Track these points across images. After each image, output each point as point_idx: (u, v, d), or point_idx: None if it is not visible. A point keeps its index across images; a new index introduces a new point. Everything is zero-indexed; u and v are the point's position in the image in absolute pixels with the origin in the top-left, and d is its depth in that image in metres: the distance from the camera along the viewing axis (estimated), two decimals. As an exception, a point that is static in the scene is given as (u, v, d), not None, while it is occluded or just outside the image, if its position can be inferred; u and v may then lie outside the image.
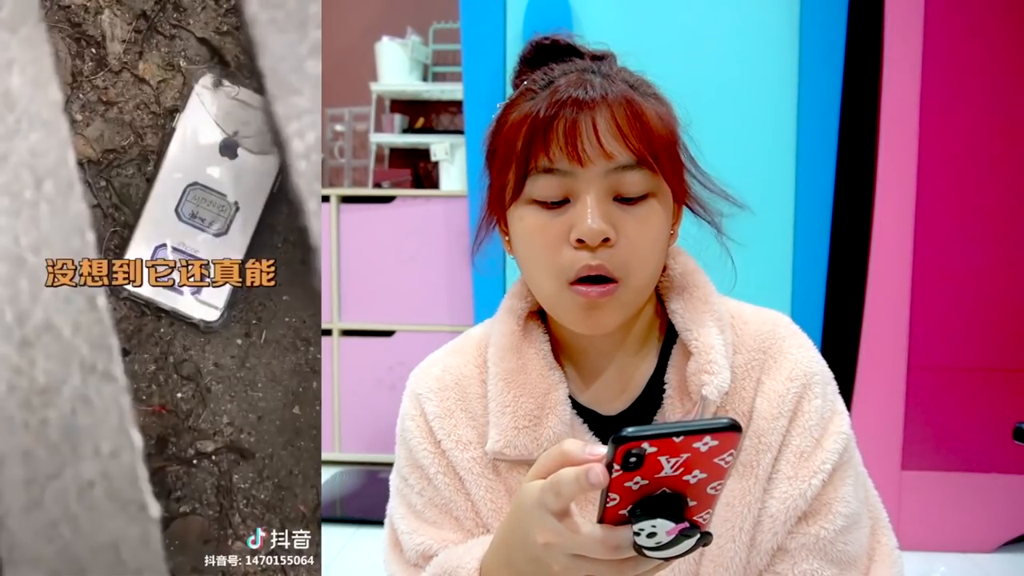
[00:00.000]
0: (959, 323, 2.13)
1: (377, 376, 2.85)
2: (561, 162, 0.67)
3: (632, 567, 0.52)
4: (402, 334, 2.85)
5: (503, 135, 0.71)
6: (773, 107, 2.21)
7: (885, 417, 2.16)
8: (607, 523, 0.51)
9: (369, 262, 2.86)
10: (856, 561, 0.73)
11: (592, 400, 0.77)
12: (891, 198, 2.13)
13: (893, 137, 2.11)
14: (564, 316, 0.71)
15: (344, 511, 2.51)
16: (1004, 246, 2.11)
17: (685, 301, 0.76)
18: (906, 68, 2.09)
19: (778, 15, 2.20)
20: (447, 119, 3.27)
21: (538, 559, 0.56)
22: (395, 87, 3.07)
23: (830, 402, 0.75)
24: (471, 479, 0.76)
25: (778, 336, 0.76)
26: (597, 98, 0.67)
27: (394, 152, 3.26)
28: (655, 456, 0.47)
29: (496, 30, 2.27)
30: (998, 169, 2.10)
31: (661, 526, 0.49)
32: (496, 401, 0.75)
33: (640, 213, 0.68)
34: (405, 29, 3.08)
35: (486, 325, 0.82)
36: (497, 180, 0.73)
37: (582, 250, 0.67)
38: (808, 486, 0.71)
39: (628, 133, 0.67)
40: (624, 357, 0.76)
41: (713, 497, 0.50)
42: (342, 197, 2.86)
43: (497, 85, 2.22)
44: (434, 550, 0.75)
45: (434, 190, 2.91)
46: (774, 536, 0.72)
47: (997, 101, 2.08)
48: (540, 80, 0.71)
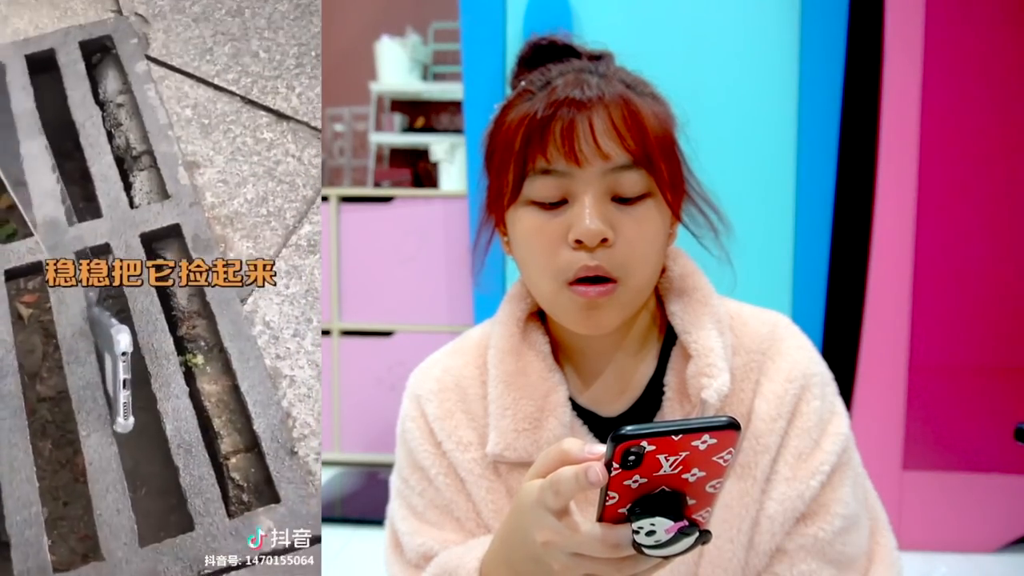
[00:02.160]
0: (959, 323, 2.13)
1: (377, 376, 2.85)
2: (559, 163, 0.67)
3: (631, 565, 0.52)
4: (402, 334, 2.85)
5: (501, 136, 0.71)
6: (773, 107, 2.21)
7: (885, 417, 2.16)
8: (606, 522, 0.51)
9: (369, 262, 2.86)
10: (855, 562, 0.73)
11: (592, 402, 0.77)
12: (891, 198, 2.13)
13: (893, 137, 2.11)
14: (563, 316, 0.71)
15: (344, 511, 2.52)
16: (1004, 246, 2.11)
17: (684, 303, 0.76)
18: (906, 68, 2.09)
19: (778, 15, 2.19)
20: (447, 119, 3.27)
21: (538, 558, 0.56)
22: (395, 87, 3.08)
23: (829, 403, 0.75)
24: (472, 480, 0.76)
25: (777, 337, 0.76)
26: (594, 98, 0.67)
27: (394, 152, 3.26)
28: (654, 454, 0.47)
29: (496, 30, 2.27)
30: (998, 169, 2.10)
31: (660, 524, 0.49)
32: (496, 403, 0.75)
33: (638, 213, 0.68)
34: (405, 29, 3.08)
35: (486, 326, 0.82)
36: (495, 181, 0.73)
37: (580, 251, 0.67)
38: (806, 487, 0.71)
39: (625, 133, 0.67)
40: (623, 358, 0.76)
41: (712, 496, 0.50)
42: (342, 197, 2.86)
43: (497, 85, 2.22)
44: (435, 551, 0.76)
45: (434, 190, 2.91)
46: (772, 537, 0.72)
47: (997, 101, 2.08)
48: (537, 81, 0.71)
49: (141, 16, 1.07)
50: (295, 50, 1.21)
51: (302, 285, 1.24)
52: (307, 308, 1.26)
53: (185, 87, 1.13)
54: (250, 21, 1.21)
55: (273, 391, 1.18)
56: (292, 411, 1.18)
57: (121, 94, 1.20)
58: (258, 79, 1.20)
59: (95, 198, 1.25)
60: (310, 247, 1.26)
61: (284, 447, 1.14)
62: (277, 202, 1.22)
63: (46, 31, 1.08)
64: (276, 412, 1.16)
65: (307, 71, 1.20)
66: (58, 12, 1.10)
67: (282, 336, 1.22)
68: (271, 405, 1.17)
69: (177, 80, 1.10)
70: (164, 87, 1.13)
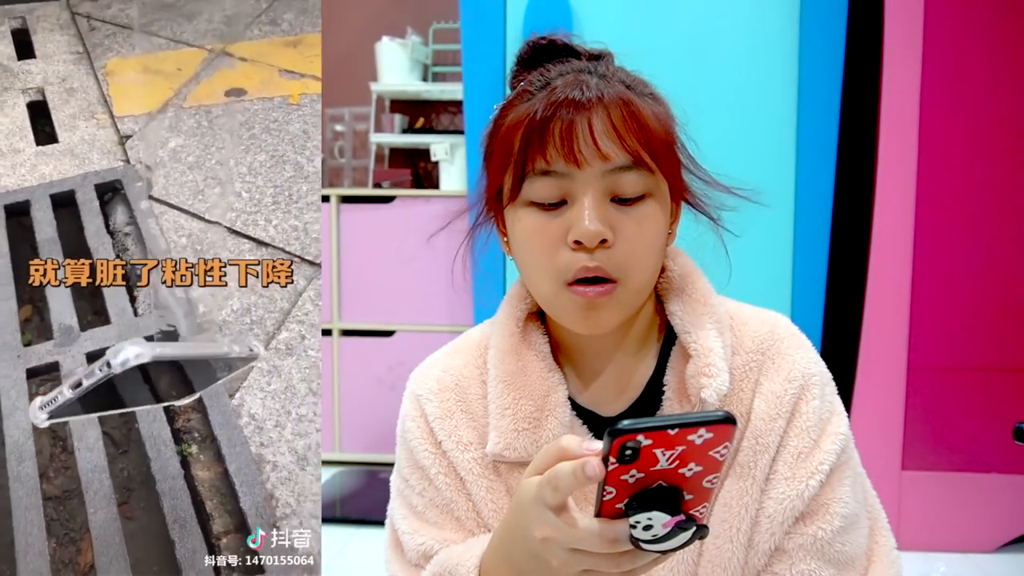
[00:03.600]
0: (959, 323, 2.13)
1: (377, 376, 2.85)
2: (558, 164, 0.67)
3: (629, 560, 0.53)
4: (402, 334, 2.85)
5: (500, 137, 0.71)
6: (773, 107, 2.21)
7: (885, 417, 2.16)
8: (604, 517, 0.51)
9: (369, 262, 2.86)
10: (854, 561, 0.73)
11: (591, 401, 0.77)
12: (891, 198, 2.13)
13: (893, 137, 2.11)
14: (563, 316, 0.71)
15: (344, 511, 2.52)
16: (1004, 246, 2.12)
17: (684, 303, 0.76)
18: (906, 68, 2.09)
19: (778, 15, 2.20)
20: (447, 119, 3.27)
21: (537, 554, 0.56)
22: (395, 87, 3.07)
23: (828, 403, 0.75)
24: (472, 479, 0.76)
25: (776, 337, 0.76)
26: (593, 99, 0.67)
27: (394, 152, 3.26)
28: (650, 449, 0.47)
29: (496, 30, 2.27)
30: (998, 169, 2.10)
31: (657, 519, 0.49)
32: (496, 403, 0.75)
33: (637, 214, 0.68)
34: (405, 29, 3.08)
35: (486, 326, 0.82)
36: (494, 182, 0.73)
37: (580, 251, 0.67)
38: (806, 487, 0.71)
39: (624, 134, 0.67)
40: (623, 358, 0.76)
41: (709, 491, 0.50)
42: (342, 197, 2.86)
43: (497, 85, 2.22)
44: (435, 550, 0.76)
45: (434, 190, 2.91)
46: (772, 537, 0.72)
47: (997, 100, 2.08)
48: (537, 81, 0.71)
49: (145, 164, 1.28)
50: (271, 191, 1.46)
51: (282, 382, 1.42)
52: (286, 402, 1.45)
53: (181, 220, 1.35)
54: (234, 169, 1.44)
55: (258, 474, 1.34)
56: (275, 492, 1.34)
57: (128, 225, 1.41)
58: (241, 214, 1.44)
59: (105, 309, 1.45)
60: (287, 350, 1.45)
61: (267, 523, 1.31)
62: (259, 312, 1.44)
63: (67, 176, 1.30)
64: (260, 492, 1.33)
65: (281, 207, 1.44)
66: (77, 160, 1.32)
67: (265, 427, 1.40)
68: (256, 486, 1.34)
69: (174, 215, 1.32)
70: (164, 220, 1.34)
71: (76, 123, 1.25)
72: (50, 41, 1.37)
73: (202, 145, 1.28)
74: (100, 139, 1.22)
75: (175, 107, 1.29)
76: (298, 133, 1.44)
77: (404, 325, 2.85)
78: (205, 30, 1.45)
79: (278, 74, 1.42)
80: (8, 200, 1.19)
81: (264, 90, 1.37)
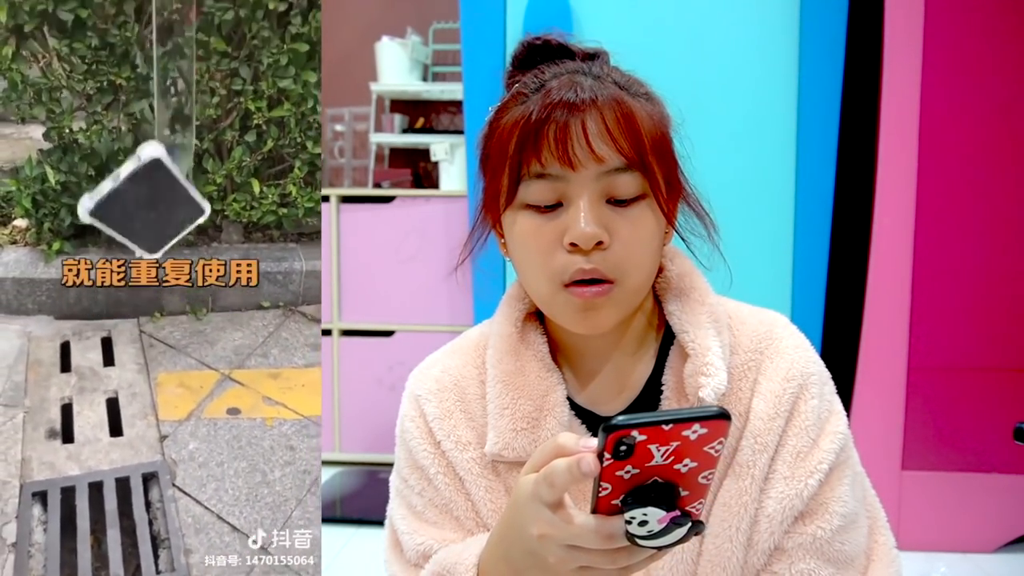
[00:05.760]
0: (959, 323, 2.13)
1: (377, 376, 2.85)
2: (553, 167, 0.67)
3: (625, 556, 0.53)
4: (402, 334, 2.85)
5: (495, 140, 0.71)
6: (773, 107, 2.21)
7: (885, 417, 2.16)
8: (600, 513, 0.51)
9: (369, 262, 2.86)
10: (853, 561, 0.73)
11: (590, 401, 0.77)
12: (891, 198, 2.13)
13: (893, 137, 2.11)
14: (561, 317, 0.71)
15: (344, 511, 2.52)
16: (1004, 246, 2.12)
17: (682, 302, 0.76)
18: (906, 68, 2.09)
19: (778, 15, 2.20)
20: (447, 119, 3.27)
21: (534, 551, 0.56)
22: (395, 87, 3.08)
23: (827, 402, 0.76)
24: (471, 479, 0.76)
25: (775, 337, 0.76)
26: (587, 100, 0.67)
27: (394, 152, 3.26)
28: (645, 444, 0.47)
29: (496, 30, 2.27)
30: (998, 169, 2.10)
31: (652, 514, 0.49)
32: (495, 403, 0.75)
33: (633, 215, 0.68)
34: (405, 29, 3.08)
35: (484, 326, 0.82)
36: (491, 184, 0.73)
37: (576, 254, 0.67)
38: (805, 486, 0.71)
39: (618, 136, 0.67)
40: (621, 357, 0.76)
41: (705, 487, 0.50)
42: (342, 197, 2.87)
43: (497, 85, 2.20)
44: (434, 550, 0.76)
45: (434, 190, 2.91)
46: (771, 536, 0.72)
47: (997, 101, 2.08)
48: (531, 83, 0.71)
49: (173, 459, 1.49)
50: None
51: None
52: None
53: (190, 506, 1.48)
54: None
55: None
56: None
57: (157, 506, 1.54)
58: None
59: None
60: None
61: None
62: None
63: (128, 463, 1.52)
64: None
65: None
66: (132, 451, 1.55)
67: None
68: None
69: (187, 501, 1.47)
70: (179, 504, 1.50)
71: (135, 422, 1.54)
72: (124, 352, 1.69)
73: (209, 450, 1.52)
74: (148, 437, 1.51)
75: (195, 417, 1.57)
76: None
77: (404, 325, 2.85)
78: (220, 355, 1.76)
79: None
80: (91, 479, 1.43)
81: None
